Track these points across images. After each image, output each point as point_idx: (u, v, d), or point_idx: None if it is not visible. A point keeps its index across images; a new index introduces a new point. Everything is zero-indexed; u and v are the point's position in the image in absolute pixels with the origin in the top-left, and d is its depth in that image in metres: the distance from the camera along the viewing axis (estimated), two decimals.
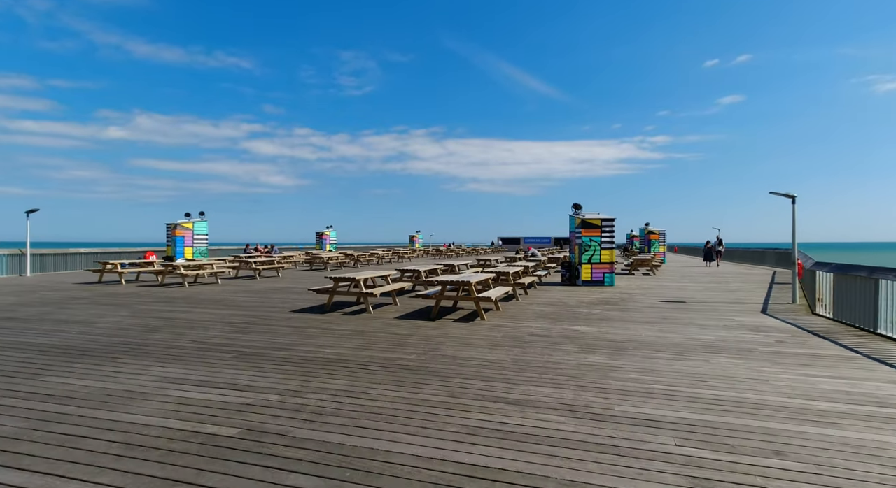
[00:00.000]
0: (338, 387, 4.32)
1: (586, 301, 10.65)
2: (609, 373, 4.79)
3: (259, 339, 6.36)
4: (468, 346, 6.02)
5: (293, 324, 7.58)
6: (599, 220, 14.33)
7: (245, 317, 8.12)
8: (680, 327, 7.40)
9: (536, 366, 5.11)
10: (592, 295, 11.76)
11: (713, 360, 5.34)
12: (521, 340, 6.42)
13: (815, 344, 6.20)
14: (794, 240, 10.08)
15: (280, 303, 9.94)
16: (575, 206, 14.95)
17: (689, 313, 8.82)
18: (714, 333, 6.92)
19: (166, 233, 18.04)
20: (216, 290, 12.41)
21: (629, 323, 7.78)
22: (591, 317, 8.41)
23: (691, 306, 9.73)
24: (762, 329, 7.24)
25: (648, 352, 5.72)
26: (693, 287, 13.71)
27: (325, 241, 30.71)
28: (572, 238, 14.91)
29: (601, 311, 9.04)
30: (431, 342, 6.27)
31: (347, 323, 7.71)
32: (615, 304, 10.05)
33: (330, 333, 6.82)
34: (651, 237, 27.81)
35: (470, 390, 4.27)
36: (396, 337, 6.61)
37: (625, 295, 11.78)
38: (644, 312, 8.92)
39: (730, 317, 8.43)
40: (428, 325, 7.51)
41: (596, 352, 5.71)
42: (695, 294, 11.95)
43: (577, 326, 7.47)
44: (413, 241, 47.24)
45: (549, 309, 9.35)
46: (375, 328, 7.26)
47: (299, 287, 13.10)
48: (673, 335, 6.79)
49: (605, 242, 14.32)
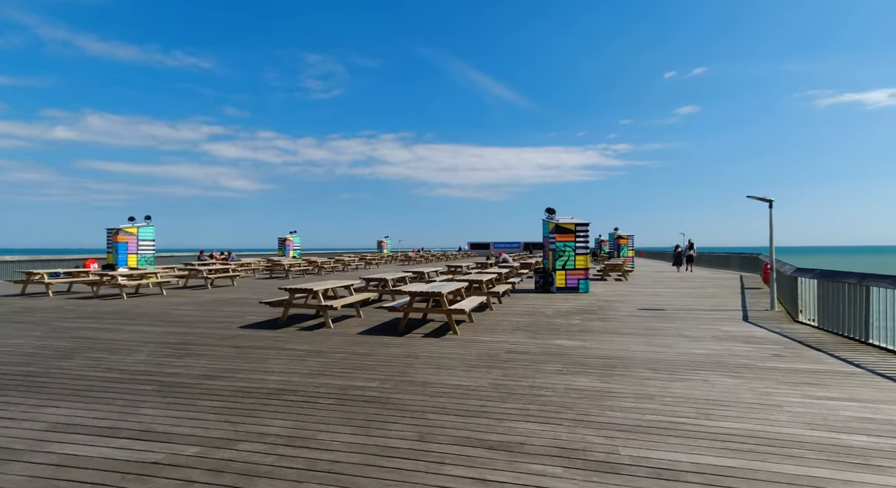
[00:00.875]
0: (279, 432, 3.47)
1: (563, 310, 10.10)
2: (603, 401, 4.14)
3: (193, 365, 5.39)
4: (440, 368, 5.27)
5: (239, 342, 6.62)
6: (574, 225, 13.90)
7: (183, 336, 7.08)
8: (667, 339, 6.89)
9: (520, 392, 4.41)
10: (569, 303, 11.23)
11: (712, 380, 4.79)
12: (498, 359, 5.72)
13: (813, 357, 5.78)
14: (771, 244, 9.86)
15: (228, 318, 8.89)
16: (548, 211, 14.48)
17: (672, 322, 8.37)
18: (704, 346, 6.43)
19: (107, 239, 16.46)
20: (158, 303, 11.17)
21: (613, 335, 7.22)
22: (572, 328, 7.81)
23: (673, 314, 9.32)
24: (752, 340, 6.82)
25: (640, 372, 5.12)
26: (668, 293, 13.45)
27: (289, 247, 29.31)
28: (546, 243, 14.42)
29: (581, 322, 8.48)
30: (398, 363, 5.48)
31: (303, 340, 6.81)
32: (594, 313, 9.53)
33: (280, 355, 5.91)
34: (620, 242, 27.87)
35: (444, 430, 3.51)
36: (358, 357, 5.78)
37: (602, 302, 11.32)
38: (626, 322, 8.41)
39: (714, 326, 8.02)
40: (395, 342, 6.70)
41: (584, 373, 5.07)
42: (672, 301, 11.62)
43: (559, 340, 6.84)
44: (381, 247, 46.13)
45: (526, 320, 8.71)
46: (334, 346, 6.40)
47: (254, 297, 12.01)
48: (662, 349, 6.25)
49: (579, 248, 13.89)
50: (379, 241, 46.61)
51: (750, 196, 9.96)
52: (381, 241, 46.53)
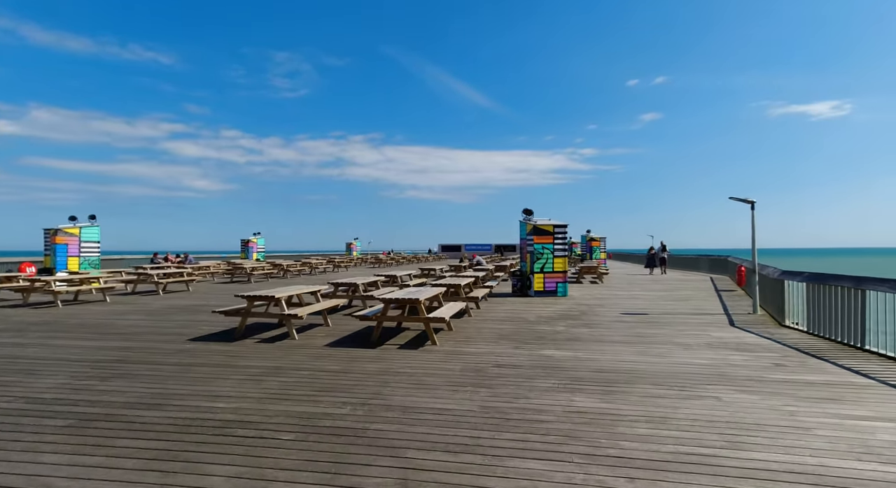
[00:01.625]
0: (220, 484, 2.72)
1: (545, 315, 9.60)
2: (614, 428, 3.57)
3: (124, 389, 4.51)
4: (421, 388, 4.60)
5: (186, 359, 5.74)
6: (552, 227, 13.49)
7: (120, 352, 6.13)
8: (660, 347, 6.45)
9: (514, 417, 3.79)
10: (549, 307, 10.76)
11: (724, 397, 4.32)
12: (485, 374, 5.10)
13: (817, 366, 5.43)
14: (753, 246, 9.68)
15: (178, 328, 7.92)
16: (526, 212, 14.03)
17: (660, 328, 7.98)
18: (700, 355, 6.01)
19: (44, 240, 14.91)
20: (98, 312, 10.00)
21: (603, 344, 6.73)
22: (559, 336, 7.29)
23: (657, 319, 8.96)
24: (746, 347, 6.46)
25: (643, 387, 4.61)
26: (646, 296, 13.21)
27: (252, 250, 27.90)
28: (523, 245, 13.96)
29: (566, 328, 7.97)
30: (371, 382, 4.77)
31: (261, 355, 5.99)
32: (578, 319, 9.06)
33: (234, 373, 5.10)
34: (592, 244, 27.90)
35: (431, 474, 2.84)
36: (325, 376, 5.03)
37: (583, 307, 10.90)
38: (613, 329, 7.96)
39: (703, 332, 7.67)
40: (367, 355, 5.98)
41: (583, 391, 4.51)
42: (652, 304, 11.33)
43: (548, 350, 6.29)
44: (350, 249, 44.95)
45: (509, 327, 8.14)
46: (298, 362, 5.62)
47: (210, 304, 10.97)
48: (658, 359, 5.79)
49: (557, 250, 13.49)
50: (348, 243, 45.42)
51: (732, 197, 9.76)
52: (351, 243, 45.36)
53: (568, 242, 42.48)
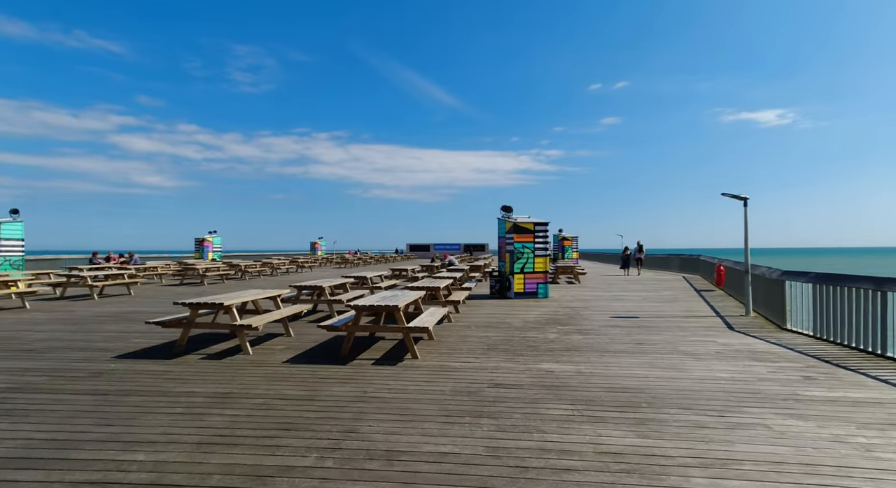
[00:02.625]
0: None
1: (531, 320, 8.83)
2: (665, 478, 2.77)
3: (7, 433, 3.36)
4: (406, 419, 3.67)
5: (105, 385, 4.57)
6: (532, 224, 12.79)
7: (19, 375, 4.87)
8: (668, 358, 5.77)
9: (535, 465, 2.93)
10: (533, 311, 10.02)
11: (773, 424, 3.62)
12: (482, 397, 4.22)
13: (852, 380, 4.85)
14: (746, 245, 9.25)
15: (105, 342, 6.64)
16: (505, 209, 13.27)
17: (659, 334, 7.35)
18: (717, 367, 5.35)
19: None
20: (10, 321, 8.49)
21: (605, 354, 5.99)
22: (554, 346, 6.50)
23: (652, 324, 8.35)
24: (761, 356, 5.87)
25: (676, 413, 3.86)
26: (630, 297, 12.70)
27: (207, 249, 26.01)
28: (502, 244, 13.20)
29: (559, 336, 7.21)
30: (344, 413, 3.80)
31: (206, 377, 4.89)
32: (567, 324, 8.34)
33: (166, 405, 4.00)
34: (565, 243, 27.63)
35: None
36: (284, 404, 4.02)
37: (568, 309, 10.22)
38: (609, 335, 7.26)
39: (706, 338, 7.08)
40: (337, 374, 4.99)
41: (606, 420, 3.70)
42: (639, 306, 10.79)
43: (546, 363, 5.48)
44: (315, 249, 43.23)
45: (496, 335, 7.30)
46: (251, 386, 4.57)
47: (151, 311, 9.60)
48: (673, 373, 5.08)
49: (538, 249, 12.80)
50: (312, 243, 43.70)
51: (725, 193, 9.31)
52: (315, 243, 43.66)
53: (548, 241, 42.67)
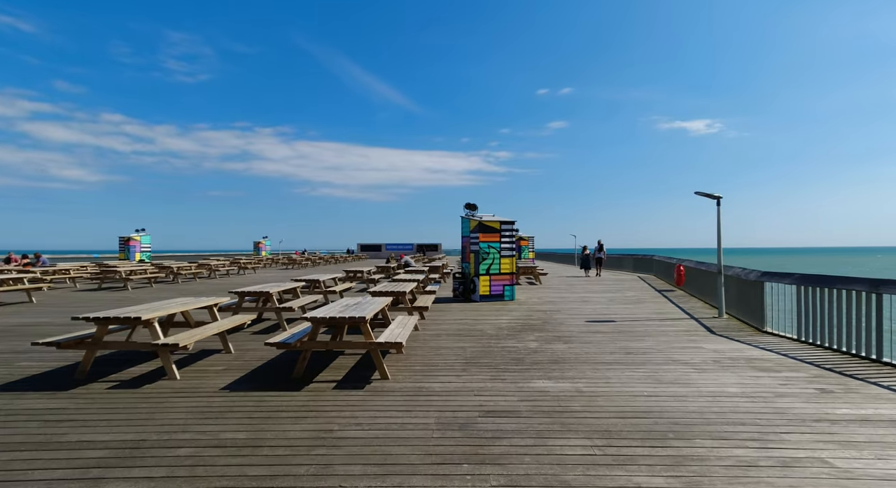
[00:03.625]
0: None
1: (505, 326, 8.14)
2: None
3: None
4: (387, 473, 2.78)
5: None
6: (499, 223, 12.15)
7: None
8: (666, 370, 5.23)
9: None
10: (503, 315, 9.34)
11: (823, 455, 3.07)
12: (478, 434, 3.40)
13: (868, 393, 4.47)
14: (719, 245, 9.06)
15: None
16: (469, 206, 12.55)
17: (642, 340, 6.86)
18: (721, 380, 4.86)
19: None
20: None
21: (597, 367, 5.36)
22: (539, 357, 5.81)
23: (630, 328, 7.90)
24: (759, 365, 5.47)
25: (709, 445, 3.23)
26: (596, 298, 12.36)
27: (134, 249, 23.45)
28: (466, 244, 12.47)
29: (540, 345, 6.54)
30: (302, 467, 2.85)
31: (112, 416, 3.73)
32: (544, 330, 7.71)
33: (45, 464, 2.86)
34: (521, 243, 27.43)
35: None
36: (219, 457, 3.00)
37: (539, 313, 9.63)
38: (593, 343, 6.68)
39: (691, 343, 6.68)
40: (290, 404, 3.99)
41: (637, 461, 2.99)
42: (608, 308, 10.41)
43: (538, 381, 4.76)
44: (259, 249, 40.74)
45: (472, 345, 6.51)
46: (174, 426, 3.48)
47: (57, 322, 8.01)
48: (682, 389, 4.52)
49: (504, 249, 12.18)
50: (256, 242, 41.18)
51: (699, 192, 9.07)
52: (259, 242, 41.17)
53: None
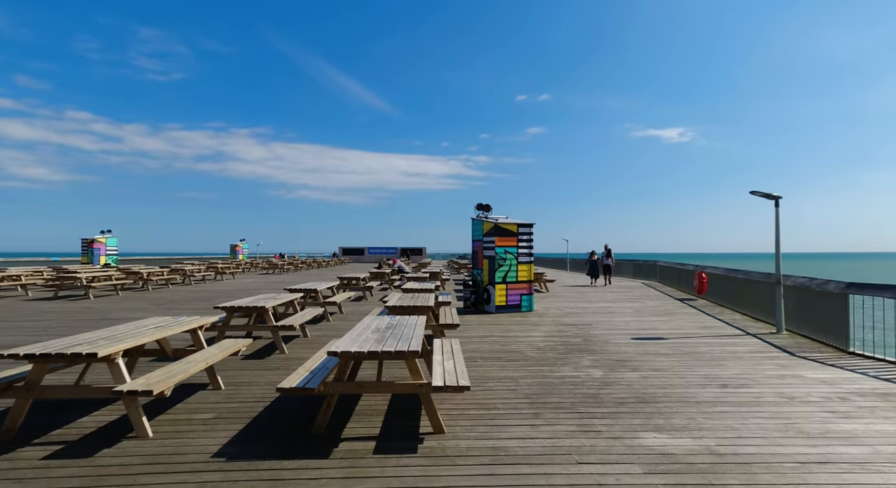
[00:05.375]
0: None
1: (543, 344, 6.93)
2: None
3: None
4: None
5: None
6: (516, 226, 10.96)
7: None
8: (802, 415, 4.09)
9: None
10: (533, 330, 8.12)
11: None
12: None
13: None
14: (777, 249, 8.06)
15: None
16: (482, 207, 11.32)
17: (724, 367, 5.73)
18: (887, 429, 3.74)
19: None
20: None
21: (707, 409, 4.18)
22: (618, 393, 4.59)
23: (692, 348, 6.77)
24: (882, 399, 4.39)
25: None
26: (620, 309, 11.27)
27: (98, 252, 21.38)
28: (478, 249, 11.23)
29: (606, 373, 5.32)
30: None
31: None
32: (593, 351, 6.51)
33: None
34: None
35: None
36: None
37: (571, 328, 8.45)
38: (671, 371, 5.50)
39: (782, 369, 5.59)
40: (318, 483, 2.66)
41: None
42: (643, 321, 9.32)
43: (649, 436, 3.53)
44: (236, 252, 38.60)
45: (521, 374, 5.25)
46: None
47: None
48: (857, 450, 3.37)
49: (522, 255, 10.98)
50: (233, 245, 39.00)
51: (754, 192, 8.07)
52: (236, 245, 39.02)
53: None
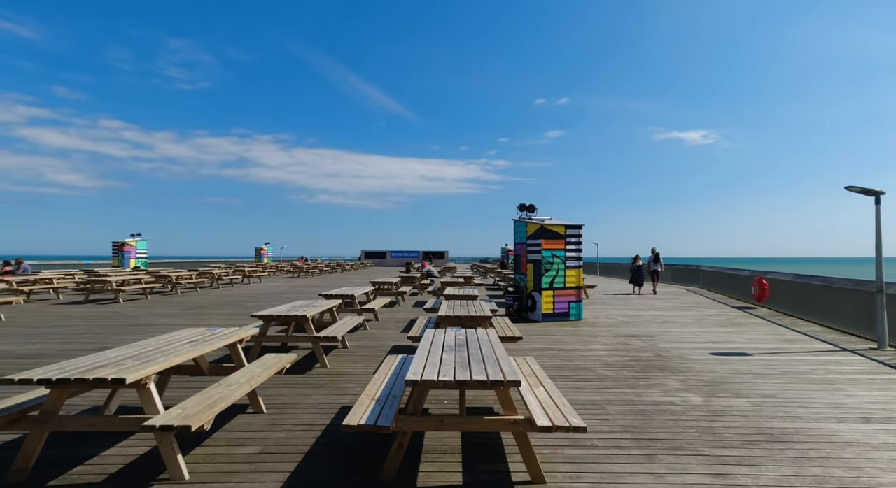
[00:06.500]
0: None
1: (611, 360, 6.14)
2: None
3: None
4: None
5: None
6: (563, 228, 10.18)
7: None
8: None
9: None
10: (592, 342, 7.33)
11: None
12: None
13: None
14: (878, 253, 7.08)
15: None
16: (526, 208, 10.58)
17: (849, 393, 4.85)
18: None
19: None
20: None
21: (860, 452, 3.35)
22: (738, 428, 3.79)
23: (789, 367, 5.89)
24: None
25: None
26: (678, 318, 10.34)
27: (128, 255, 21.37)
28: (522, 253, 10.49)
29: (705, 399, 4.52)
30: None
31: None
32: (676, 370, 5.69)
33: None
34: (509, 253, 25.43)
35: None
36: None
37: (634, 339, 7.62)
38: (783, 398, 4.66)
39: None
40: None
41: None
42: (713, 334, 8.41)
43: None
44: (261, 255, 38.65)
45: (603, 397, 4.49)
46: None
47: (21, 351, 5.93)
48: None
49: (570, 258, 10.19)
50: (258, 249, 39.08)
51: (850, 187, 7.13)
52: (261, 249, 39.08)
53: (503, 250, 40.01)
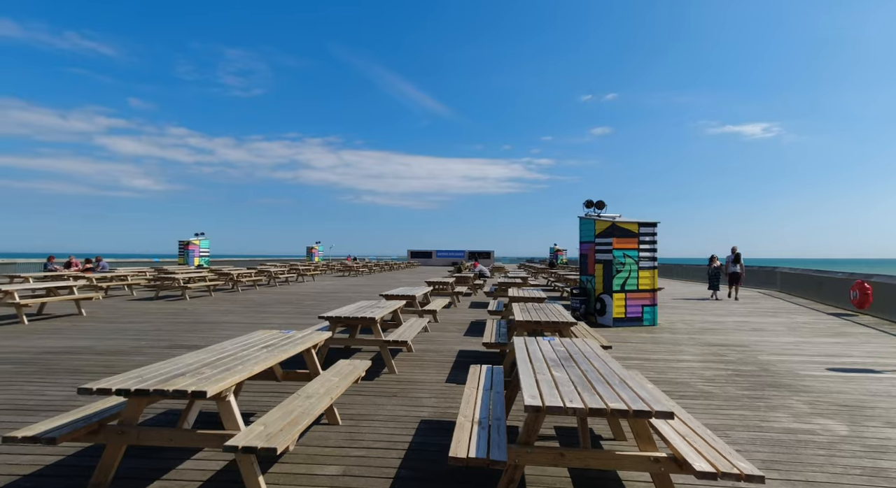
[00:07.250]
0: None
1: (705, 373, 5.47)
2: None
3: None
4: None
5: None
6: (637, 225, 9.44)
7: None
8: None
9: None
10: (677, 352, 6.62)
11: None
12: None
13: None
14: None
15: None
16: (595, 204, 9.91)
17: None
18: None
19: None
20: None
21: None
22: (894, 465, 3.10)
23: None
24: None
25: None
26: (767, 326, 9.33)
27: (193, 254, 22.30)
28: (589, 252, 9.83)
29: (851, 429, 3.81)
30: None
31: None
32: (794, 389, 4.94)
33: None
34: (558, 252, 24.38)
35: None
36: None
37: (725, 349, 6.83)
38: None
39: None
40: None
41: None
42: (816, 345, 7.45)
43: None
44: (312, 254, 39.60)
45: (721, 421, 3.87)
46: None
47: (99, 347, 6.02)
48: None
49: (644, 259, 9.44)
50: (309, 248, 40.04)
51: None
52: (312, 248, 40.01)
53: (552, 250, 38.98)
